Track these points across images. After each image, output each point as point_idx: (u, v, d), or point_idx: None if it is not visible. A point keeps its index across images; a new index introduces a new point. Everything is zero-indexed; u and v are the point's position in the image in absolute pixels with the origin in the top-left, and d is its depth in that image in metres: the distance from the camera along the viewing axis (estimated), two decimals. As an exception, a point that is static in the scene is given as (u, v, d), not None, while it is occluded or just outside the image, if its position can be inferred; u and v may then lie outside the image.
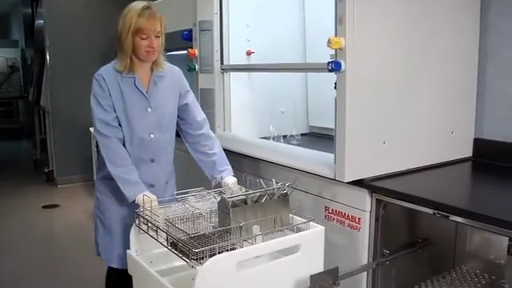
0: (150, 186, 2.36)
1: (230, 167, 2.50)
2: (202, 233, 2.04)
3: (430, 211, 1.95)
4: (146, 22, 2.19)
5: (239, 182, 2.40)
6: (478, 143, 2.63)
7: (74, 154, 6.44)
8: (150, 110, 2.34)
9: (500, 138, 2.55)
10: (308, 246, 2.08)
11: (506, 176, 2.37)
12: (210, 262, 1.84)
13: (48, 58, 6.28)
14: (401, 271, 2.38)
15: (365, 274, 2.27)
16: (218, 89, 3.17)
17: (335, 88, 2.12)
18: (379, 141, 2.23)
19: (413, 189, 2.10)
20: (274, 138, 3.18)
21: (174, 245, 1.97)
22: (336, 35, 2.07)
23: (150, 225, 2.09)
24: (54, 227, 5.24)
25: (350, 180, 2.17)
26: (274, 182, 2.13)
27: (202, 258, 1.86)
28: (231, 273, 1.89)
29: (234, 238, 1.96)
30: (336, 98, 2.13)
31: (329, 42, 2.04)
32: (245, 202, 2.05)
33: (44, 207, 5.72)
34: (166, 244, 1.99)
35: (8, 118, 10.32)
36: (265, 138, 3.23)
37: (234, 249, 1.95)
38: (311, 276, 1.97)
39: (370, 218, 2.19)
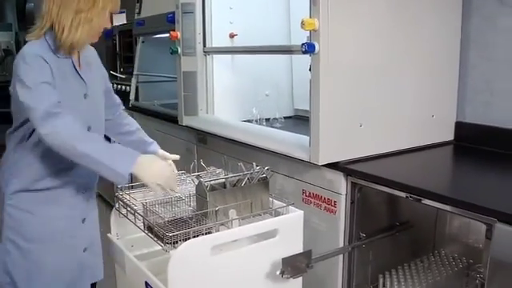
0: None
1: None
2: (179, 217, 2.03)
3: (403, 195, 1.94)
4: None
5: (219, 166, 2.38)
6: (460, 127, 2.61)
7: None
8: (87, 97, 1.94)
9: (482, 122, 2.53)
10: (286, 230, 2.06)
11: (486, 160, 2.35)
12: (183, 246, 1.82)
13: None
14: (379, 255, 2.38)
15: (341, 257, 2.26)
16: (201, 71, 3.16)
17: (310, 70, 2.09)
18: (355, 124, 2.21)
19: (388, 172, 2.09)
20: (256, 121, 3.16)
21: (151, 229, 1.95)
22: (310, 16, 2.04)
23: (128, 209, 2.06)
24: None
25: (325, 163, 2.15)
26: (255, 166, 2.11)
27: (176, 242, 1.84)
28: (206, 257, 1.88)
29: (210, 222, 1.95)
30: (310, 81, 2.10)
31: (302, 23, 2.01)
32: (224, 185, 2.03)
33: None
34: (143, 228, 1.97)
35: (3, 102, 10.24)
36: (248, 121, 3.21)
37: (209, 233, 1.93)
38: (283, 259, 1.96)
39: (346, 201, 2.18)
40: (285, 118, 3.27)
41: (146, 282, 1.90)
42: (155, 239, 1.93)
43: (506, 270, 1.58)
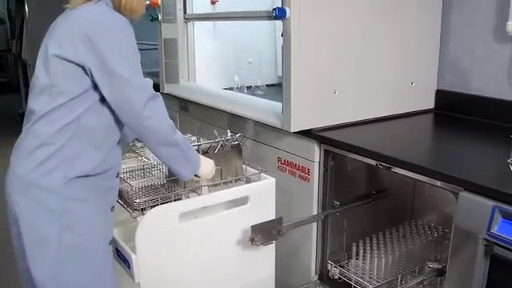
0: None
1: None
2: (150, 184, 2.02)
3: (374, 162, 1.92)
4: None
5: (192, 132, 2.35)
6: (440, 95, 2.57)
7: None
8: None
9: (462, 90, 2.49)
10: (257, 197, 2.05)
11: (465, 129, 2.31)
12: (149, 213, 1.82)
13: (27, 9, 6.14)
14: (354, 223, 2.37)
15: (315, 224, 2.25)
16: (182, 39, 3.11)
17: (282, 36, 2.05)
18: (329, 91, 2.17)
19: (361, 140, 2.06)
20: (238, 89, 3.12)
21: (121, 196, 1.95)
22: (282, -21, 1.99)
23: None
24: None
25: (297, 130, 2.13)
26: (228, 132, 2.09)
27: (145, 209, 1.86)
28: (174, 224, 1.88)
29: (180, 189, 1.95)
30: (282, 47, 2.06)
31: (273, -14, 1.96)
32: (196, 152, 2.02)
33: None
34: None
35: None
36: (229, 88, 3.18)
37: (179, 200, 1.94)
38: (252, 226, 1.96)
39: (319, 168, 2.16)
40: (268, 85, 3.23)
41: (116, 249, 1.90)
42: (124, 206, 1.94)
43: (469, 238, 1.56)
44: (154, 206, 1.86)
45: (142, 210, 1.88)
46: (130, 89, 1.57)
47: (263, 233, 2.00)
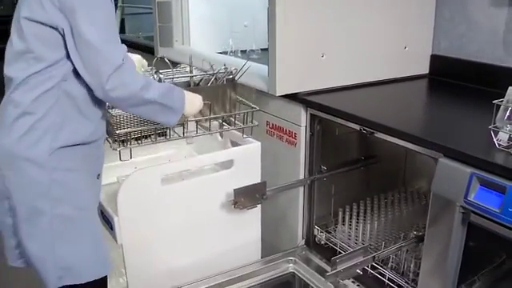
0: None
1: None
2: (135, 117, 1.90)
3: (357, 127, 1.89)
4: None
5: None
6: (435, 60, 2.51)
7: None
8: None
9: (457, 55, 2.43)
10: (242, 161, 2.04)
11: (457, 95, 2.27)
12: (131, 175, 1.81)
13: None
14: (343, 189, 2.36)
15: (301, 189, 2.24)
16: (176, 1, 3.08)
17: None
18: (317, 54, 2.13)
19: (347, 104, 2.02)
20: (232, 53, 3.08)
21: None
22: None
23: None
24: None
25: (283, 94, 2.10)
26: (223, 67, 2.02)
27: (126, 142, 1.86)
28: (156, 186, 1.87)
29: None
30: (268, 8, 2.01)
31: None
32: (188, 84, 1.97)
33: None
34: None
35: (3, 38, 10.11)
36: (224, 52, 3.13)
37: (164, 134, 1.95)
38: (235, 189, 1.95)
39: (306, 133, 2.13)
40: (263, 49, 3.17)
41: (100, 211, 1.90)
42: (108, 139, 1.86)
43: (446, 205, 1.54)
44: (137, 138, 1.87)
45: (122, 141, 1.84)
46: (97, 59, 1.46)
47: (246, 196, 1.99)
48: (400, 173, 2.58)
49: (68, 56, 1.49)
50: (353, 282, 2.04)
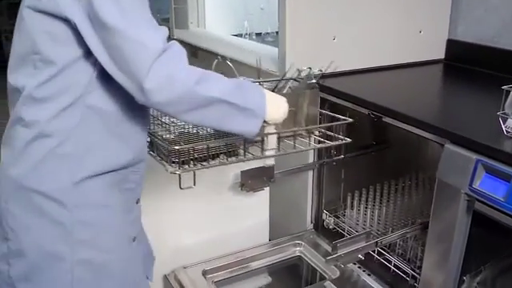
0: None
1: None
2: (193, 131, 1.56)
3: (366, 111, 1.87)
4: None
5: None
6: (451, 44, 2.46)
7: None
8: None
9: (474, 40, 2.38)
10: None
11: (473, 81, 2.23)
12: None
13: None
14: (353, 173, 2.35)
15: (311, 173, 2.23)
16: (191, -18, 3.06)
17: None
18: (328, 36, 2.10)
19: (358, 88, 2.00)
20: (247, 35, 3.07)
21: (151, 143, 1.51)
22: None
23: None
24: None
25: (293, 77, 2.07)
26: (299, 69, 1.74)
27: (186, 162, 1.40)
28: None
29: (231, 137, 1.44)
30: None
31: None
32: None
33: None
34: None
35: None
36: (238, 35, 3.12)
37: (235, 154, 1.55)
38: (242, 171, 1.94)
39: (316, 117, 2.11)
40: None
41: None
42: (158, 158, 1.46)
43: (451, 192, 1.52)
44: (201, 159, 1.41)
45: (182, 162, 1.38)
46: (126, 47, 1.08)
47: (254, 179, 1.98)
48: (411, 159, 2.55)
49: (86, 57, 1.16)
50: (359, 267, 2.04)
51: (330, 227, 2.27)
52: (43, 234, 1.20)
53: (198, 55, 3.07)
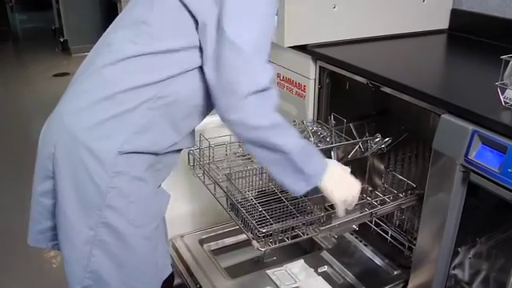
0: None
1: None
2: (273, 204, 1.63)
3: (364, 81, 1.84)
4: None
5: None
6: (456, 14, 2.41)
7: (87, 22, 6.40)
8: None
9: (479, 10, 2.33)
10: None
11: (476, 52, 2.18)
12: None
13: None
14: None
15: (309, 143, 2.21)
16: None
17: None
18: (328, 5, 2.05)
19: (357, 57, 1.96)
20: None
21: (234, 207, 1.59)
22: None
23: (207, 175, 1.71)
24: (60, 94, 5.33)
25: (291, 45, 2.05)
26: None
27: (270, 237, 1.46)
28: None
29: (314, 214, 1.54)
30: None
31: None
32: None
33: (55, 75, 5.81)
34: (225, 205, 1.64)
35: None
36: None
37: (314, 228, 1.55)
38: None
39: (315, 85, 2.09)
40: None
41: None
42: (244, 230, 1.54)
43: (446, 163, 1.50)
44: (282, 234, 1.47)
45: (267, 236, 1.46)
46: (240, 67, 1.18)
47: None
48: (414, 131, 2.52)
49: (191, 50, 1.22)
50: (356, 237, 2.04)
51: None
52: (81, 188, 1.24)
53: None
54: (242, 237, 2.09)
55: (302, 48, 2.06)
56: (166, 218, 1.65)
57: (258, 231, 1.42)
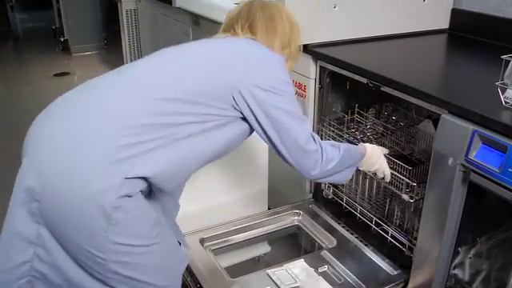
0: None
1: None
2: None
3: (364, 80, 1.84)
4: None
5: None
6: (456, 14, 2.42)
7: (88, 22, 6.40)
8: None
9: (479, 10, 2.33)
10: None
11: (476, 51, 2.19)
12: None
13: None
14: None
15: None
16: None
17: None
18: (329, 4, 2.06)
19: (357, 57, 1.97)
20: (250, 4, 3.02)
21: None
22: None
23: None
24: (60, 94, 5.33)
25: (291, 45, 2.04)
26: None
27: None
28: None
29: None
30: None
31: None
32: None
33: (55, 75, 5.80)
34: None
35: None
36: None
37: None
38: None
39: (315, 85, 2.10)
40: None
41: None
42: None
43: (447, 163, 1.51)
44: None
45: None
46: (304, 156, 1.47)
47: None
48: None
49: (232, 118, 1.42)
50: (356, 237, 2.04)
51: (330, 197, 2.27)
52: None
53: (200, 23, 3.04)
54: (243, 236, 2.09)
55: (302, 48, 2.05)
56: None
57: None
